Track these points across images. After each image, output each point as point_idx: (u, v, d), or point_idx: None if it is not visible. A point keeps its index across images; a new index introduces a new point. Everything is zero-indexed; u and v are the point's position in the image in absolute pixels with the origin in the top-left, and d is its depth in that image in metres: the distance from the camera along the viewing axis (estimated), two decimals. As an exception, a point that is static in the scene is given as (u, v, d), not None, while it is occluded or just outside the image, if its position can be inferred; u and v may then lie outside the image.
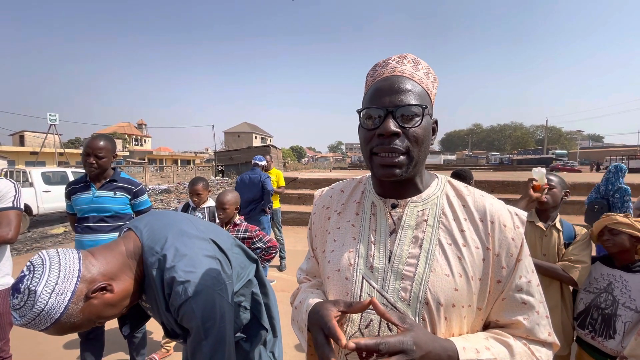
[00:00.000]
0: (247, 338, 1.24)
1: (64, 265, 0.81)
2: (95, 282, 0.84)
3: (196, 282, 0.92)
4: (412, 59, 0.69)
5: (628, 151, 45.31)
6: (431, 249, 0.63)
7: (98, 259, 0.89)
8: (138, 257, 0.96)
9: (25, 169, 8.87)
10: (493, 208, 0.66)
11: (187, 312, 0.91)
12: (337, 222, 0.76)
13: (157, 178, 23.37)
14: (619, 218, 1.50)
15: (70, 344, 2.76)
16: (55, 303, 0.76)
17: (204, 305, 0.92)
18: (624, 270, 1.50)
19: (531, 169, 1.76)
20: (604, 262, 1.60)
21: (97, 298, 0.84)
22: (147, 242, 0.97)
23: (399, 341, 0.51)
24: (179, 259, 0.93)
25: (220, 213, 2.35)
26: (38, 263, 0.79)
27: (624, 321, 1.41)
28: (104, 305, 0.86)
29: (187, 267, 0.93)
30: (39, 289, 0.75)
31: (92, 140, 2.08)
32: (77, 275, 0.81)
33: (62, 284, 0.78)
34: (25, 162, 25.71)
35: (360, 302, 0.57)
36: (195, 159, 47.92)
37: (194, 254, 0.97)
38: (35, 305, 0.74)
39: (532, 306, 0.63)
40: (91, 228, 2.11)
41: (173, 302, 0.92)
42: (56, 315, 0.77)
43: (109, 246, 0.96)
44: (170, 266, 0.92)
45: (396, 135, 0.61)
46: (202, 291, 0.92)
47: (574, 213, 6.67)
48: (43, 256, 0.81)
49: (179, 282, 0.90)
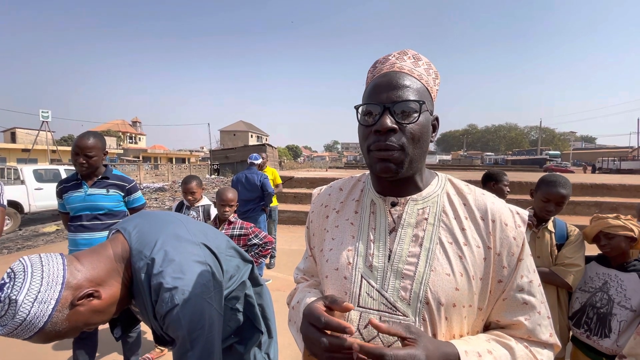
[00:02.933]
0: (241, 340, 1.21)
1: (47, 271, 0.77)
2: (81, 288, 0.80)
3: (184, 290, 0.87)
4: (412, 55, 0.68)
5: (620, 152, 46.03)
6: (432, 247, 0.62)
7: (84, 263, 0.85)
8: (126, 261, 0.91)
9: (17, 166, 8.71)
10: (494, 207, 0.65)
11: (173, 321, 0.86)
12: (335, 220, 0.75)
13: (151, 176, 23.18)
14: (611, 221, 1.49)
15: (62, 343, 2.71)
16: (38, 312, 0.73)
17: (192, 314, 0.87)
18: (619, 269, 1.50)
19: (525, 169, 1.74)
20: (600, 261, 1.60)
21: (84, 305, 0.80)
22: (135, 246, 0.93)
23: (409, 355, 0.49)
24: (167, 264, 0.89)
25: (227, 210, 2.34)
26: (19, 270, 0.75)
27: (619, 320, 1.42)
28: (91, 312, 0.82)
29: (176, 273, 0.88)
30: (20, 298, 0.71)
31: (81, 139, 2.01)
32: (61, 282, 0.77)
33: (45, 291, 0.74)
34: (17, 159, 25.29)
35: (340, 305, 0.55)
36: (190, 157, 47.59)
37: (183, 259, 0.92)
38: (16, 315, 0.71)
39: (534, 306, 0.62)
40: (85, 226, 2.07)
41: (159, 310, 0.87)
42: (39, 325, 0.73)
43: (95, 250, 0.92)
44: (157, 271, 0.88)
45: (392, 132, 0.60)
46: (189, 299, 0.87)
47: (567, 213, 6.74)
48: (24, 262, 0.77)
49: (166, 288, 0.86)
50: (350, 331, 0.51)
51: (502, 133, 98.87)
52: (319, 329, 0.55)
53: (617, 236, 1.47)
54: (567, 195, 1.66)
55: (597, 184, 8.05)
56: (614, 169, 27.84)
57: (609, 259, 1.56)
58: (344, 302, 0.56)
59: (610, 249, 1.51)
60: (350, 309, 0.56)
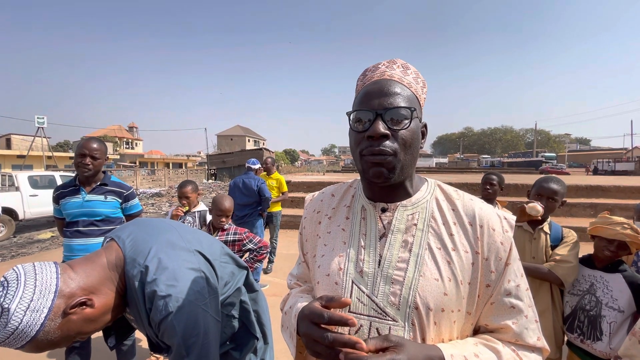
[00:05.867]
0: (237, 347, 1.21)
1: (40, 280, 0.77)
2: (74, 297, 0.80)
3: (178, 297, 0.87)
4: (401, 64, 0.69)
5: (614, 154, 46.46)
6: (421, 253, 0.63)
7: (77, 272, 0.85)
8: (120, 270, 0.91)
9: (12, 173, 8.63)
10: (482, 212, 0.66)
11: (168, 328, 0.86)
12: (327, 226, 0.75)
13: (148, 182, 23.08)
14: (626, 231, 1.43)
15: (55, 352, 2.68)
16: (30, 321, 0.73)
17: (186, 321, 0.88)
18: (604, 270, 1.51)
19: (522, 172, 1.77)
20: (584, 263, 1.61)
21: (77, 314, 0.80)
22: (129, 254, 0.93)
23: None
24: (160, 272, 0.89)
25: (223, 220, 2.31)
26: (12, 278, 0.75)
27: (608, 322, 1.42)
28: (83, 321, 0.82)
29: (169, 281, 0.89)
30: (13, 307, 0.71)
31: (87, 142, 2.06)
32: (54, 291, 0.77)
33: (38, 300, 0.74)
34: (12, 165, 25.14)
35: (338, 301, 0.56)
36: (187, 162, 47.47)
37: (176, 267, 0.93)
38: (8, 324, 0.71)
39: (521, 310, 0.63)
40: (81, 232, 2.06)
41: (154, 317, 0.87)
42: (32, 334, 0.73)
43: (89, 258, 0.92)
44: (151, 279, 0.88)
45: (385, 137, 0.61)
46: (184, 306, 0.87)
47: (562, 215, 6.79)
48: (18, 271, 0.77)
49: (160, 296, 0.86)
50: (352, 323, 0.52)
51: (498, 136, 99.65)
52: (320, 326, 0.55)
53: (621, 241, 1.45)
54: (558, 191, 1.70)
55: (592, 185, 8.10)
56: (608, 171, 28.08)
57: (594, 261, 1.56)
58: (341, 298, 0.56)
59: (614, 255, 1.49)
60: (348, 303, 0.56)
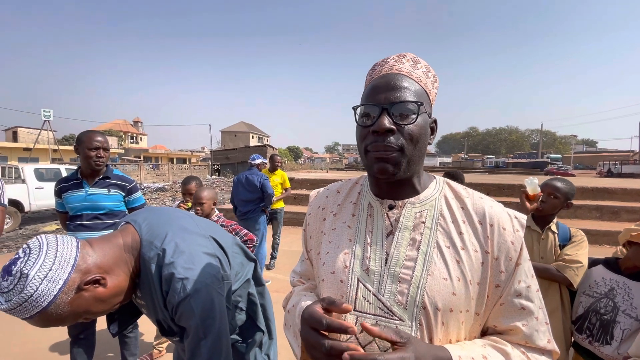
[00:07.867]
0: (243, 340, 1.22)
1: (61, 251, 0.78)
2: (89, 273, 0.81)
3: (195, 280, 0.89)
4: (411, 58, 0.68)
5: (621, 156, 45.88)
6: (429, 251, 0.61)
7: (95, 249, 0.85)
8: (136, 252, 0.93)
9: (18, 165, 8.74)
10: (492, 211, 0.64)
11: (186, 311, 0.88)
12: (332, 223, 0.74)
13: (152, 176, 23.20)
14: None
15: (60, 344, 2.71)
16: (45, 290, 0.73)
17: (203, 303, 0.89)
18: (629, 277, 1.43)
19: (527, 173, 1.74)
20: (608, 266, 1.53)
21: (89, 291, 0.81)
22: (145, 237, 0.94)
23: (400, 358, 0.49)
24: (178, 255, 0.91)
25: (198, 208, 2.29)
26: (35, 246, 0.76)
27: (622, 328, 1.38)
28: (94, 300, 0.83)
29: (187, 264, 0.91)
30: (32, 273, 0.72)
31: (94, 135, 2.06)
32: (72, 264, 0.78)
33: (56, 270, 0.75)
34: (18, 158, 25.34)
35: (339, 306, 0.55)
36: (191, 157, 47.63)
37: (193, 251, 0.95)
38: (24, 290, 0.71)
39: (531, 312, 0.61)
40: (85, 225, 2.06)
41: (171, 300, 0.89)
42: (44, 304, 0.74)
43: (106, 237, 0.92)
44: (169, 262, 0.90)
45: (390, 132, 0.59)
46: (201, 289, 0.89)
47: (568, 217, 6.71)
48: (41, 240, 0.78)
49: (177, 278, 0.88)
50: (352, 331, 0.51)
51: (503, 136, 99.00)
52: (320, 332, 0.54)
53: None
54: (560, 189, 1.68)
55: (599, 187, 8.01)
56: (615, 173, 27.73)
57: (619, 265, 1.49)
58: (343, 304, 0.55)
59: None
60: (349, 310, 0.55)
